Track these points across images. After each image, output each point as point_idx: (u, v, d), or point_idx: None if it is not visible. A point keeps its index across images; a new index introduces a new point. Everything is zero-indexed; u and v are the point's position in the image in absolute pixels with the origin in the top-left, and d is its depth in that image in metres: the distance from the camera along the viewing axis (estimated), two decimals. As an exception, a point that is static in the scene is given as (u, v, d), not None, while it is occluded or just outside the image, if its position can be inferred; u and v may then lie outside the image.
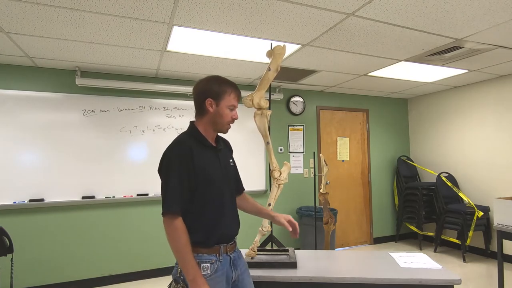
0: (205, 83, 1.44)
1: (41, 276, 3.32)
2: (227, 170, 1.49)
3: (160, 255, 3.79)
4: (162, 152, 1.47)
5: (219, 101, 1.41)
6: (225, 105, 1.42)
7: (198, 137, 1.43)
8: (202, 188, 1.37)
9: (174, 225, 1.28)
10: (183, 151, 1.37)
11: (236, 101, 1.45)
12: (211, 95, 1.41)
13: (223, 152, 1.52)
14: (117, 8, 2.16)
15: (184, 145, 1.38)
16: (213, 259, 1.36)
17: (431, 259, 1.92)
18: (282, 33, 2.60)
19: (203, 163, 1.38)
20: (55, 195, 3.36)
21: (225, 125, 1.46)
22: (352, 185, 5.03)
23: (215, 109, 1.42)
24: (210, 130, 1.46)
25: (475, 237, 4.24)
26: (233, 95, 1.43)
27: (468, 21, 2.42)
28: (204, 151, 1.40)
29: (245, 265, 1.54)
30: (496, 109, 4.16)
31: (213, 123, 1.44)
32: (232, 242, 1.45)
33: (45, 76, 3.44)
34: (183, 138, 1.42)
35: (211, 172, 1.40)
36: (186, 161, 1.34)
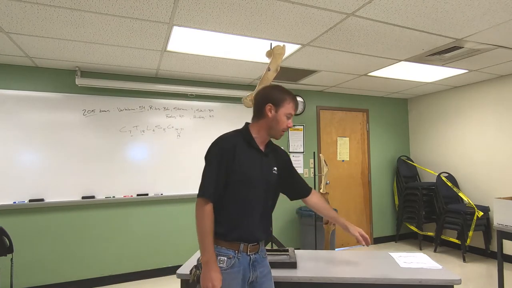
0: (268, 90, 1.52)
1: (41, 276, 3.32)
2: (268, 176, 1.51)
3: (160, 255, 3.79)
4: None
5: (278, 107, 1.48)
6: (283, 112, 1.48)
7: (247, 137, 1.49)
8: (236, 185, 1.42)
9: (203, 209, 1.37)
10: (227, 145, 1.43)
11: (294, 110, 1.52)
12: (272, 101, 1.48)
13: (269, 158, 1.54)
14: (117, 8, 2.16)
15: (229, 140, 1.46)
16: (231, 255, 1.40)
17: (431, 259, 1.92)
18: (282, 33, 2.60)
19: (244, 162, 1.43)
20: (55, 195, 3.36)
21: (280, 131, 1.51)
22: (352, 185, 5.03)
23: (274, 114, 1.48)
24: (264, 134, 1.52)
25: (475, 237, 4.24)
26: (292, 104, 1.50)
27: (468, 21, 2.42)
28: (248, 151, 1.46)
29: (268, 270, 1.54)
30: (496, 109, 4.16)
31: (269, 127, 1.50)
32: (255, 244, 1.46)
33: (45, 76, 3.44)
34: (231, 134, 1.50)
35: (248, 173, 1.44)
36: (227, 156, 1.41)
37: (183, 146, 3.91)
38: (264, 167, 1.49)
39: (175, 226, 3.88)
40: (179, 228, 3.90)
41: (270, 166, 1.53)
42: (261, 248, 1.51)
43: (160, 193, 3.78)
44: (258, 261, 1.48)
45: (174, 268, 3.80)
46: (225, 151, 1.42)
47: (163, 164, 3.80)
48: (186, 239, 3.91)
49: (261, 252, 1.52)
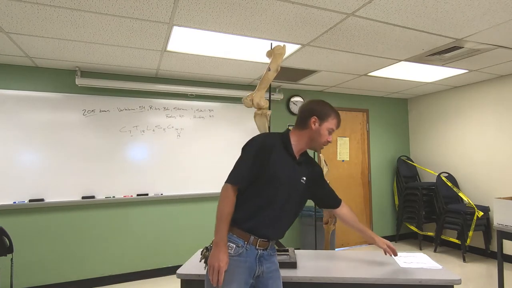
0: (315, 103, 1.58)
1: (41, 276, 3.32)
2: (295, 183, 1.55)
3: (160, 255, 3.79)
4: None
5: (323, 121, 1.54)
6: (327, 126, 1.54)
7: (285, 142, 1.55)
8: (264, 181, 1.47)
9: (227, 193, 1.44)
10: (266, 143, 1.50)
11: (336, 127, 1.58)
12: (317, 114, 1.54)
13: (301, 167, 1.58)
14: (117, 8, 2.16)
15: (270, 139, 1.53)
16: (240, 244, 1.45)
17: (431, 259, 1.93)
18: (282, 33, 2.60)
19: (276, 163, 1.48)
20: (55, 195, 3.36)
21: (321, 144, 1.57)
22: (352, 185, 5.03)
23: (317, 127, 1.54)
24: (302, 144, 1.57)
25: (475, 237, 4.24)
26: (336, 121, 1.56)
27: (468, 21, 2.42)
28: (283, 155, 1.52)
29: (275, 268, 1.56)
30: (496, 109, 4.16)
31: (310, 139, 1.56)
32: (265, 240, 1.49)
33: (45, 76, 3.44)
34: (273, 135, 1.57)
35: (278, 174, 1.48)
36: (264, 152, 1.47)
37: (183, 146, 3.91)
38: (294, 173, 1.54)
39: (175, 226, 3.88)
40: (179, 228, 3.90)
41: (300, 174, 1.57)
42: (270, 245, 1.54)
43: (160, 193, 3.78)
44: (265, 257, 1.51)
45: (174, 268, 3.80)
46: (263, 147, 1.48)
47: (163, 164, 3.80)
48: (186, 239, 3.91)
49: (270, 249, 1.55)
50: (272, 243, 1.55)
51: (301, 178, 1.57)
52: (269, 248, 1.53)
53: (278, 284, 1.54)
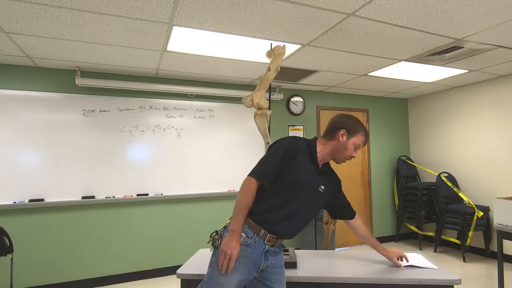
0: (347, 118, 1.62)
1: (41, 276, 3.32)
2: (313, 189, 1.58)
3: (160, 255, 3.79)
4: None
5: (350, 136, 1.57)
6: (354, 142, 1.58)
7: (311, 150, 1.59)
8: (285, 183, 1.51)
9: (249, 185, 1.46)
10: (295, 145, 1.55)
11: (363, 144, 1.60)
12: (347, 128, 1.57)
13: (322, 177, 1.61)
14: (117, 8, 2.16)
15: (298, 142, 1.57)
16: (250, 234, 1.47)
17: (427, 260, 1.92)
18: (282, 33, 2.60)
19: (299, 167, 1.52)
20: (55, 195, 3.36)
21: (344, 158, 1.60)
22: (352, 185, 5.03)
23: (344, 141, 1.57)
24: (326, 154, 1.61)
25: (475, 237, 4.24)
26: (363, 138, 1.59)
27: (468, 21, 2.42)
28: (307, 160, 1.55)
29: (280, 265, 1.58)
30: (496, 109, 4.16)
31: (335, 150, 1.60)
32: (274, 236, 1.51)
33: (45, 76, 3.44)
34: (302, 140, 1.61)
35: (298, 178, 1.52)
36: (290, 154, 1.52)
37: (183, 146, 3.91)
38: (314, 180, 1.57)
39: (175, 226, 3.88)
40: (179, 228, 3.90)
41: (320, 183, 1.59)
42: (278, 243, 1.56)
43: (160, 193, 3.78)
44: (271, 253, 1.54)
45: (174, 268, 3.80)
46: (291, 149, 1.53)
47: (163, 164, 3.80)
48: (186, 239, 3.91)
49: (277, 247, 1.57)
50: (280, 241, 1.57)
51: (320, 187, 1.60)
52: (276, 246, 1.55)
53: (281, 281, 1.55)
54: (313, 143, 1.61)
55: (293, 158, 1.51)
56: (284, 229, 1.52)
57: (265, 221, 1.49)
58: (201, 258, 1.96)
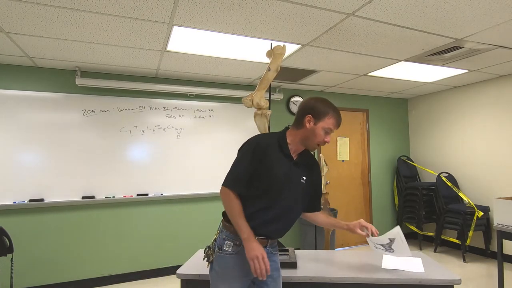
0: (313, 101, 1.53)
1: (41, 276, 3.32)
2: (293, 183, 1.52)
3: (160, 255, 3.79)
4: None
5: (318, 121, 1.48)
6: (322, 126, 1.48)
7: (281, 142, 1.52)
8: (261, 183, 1.46)
9: (227, 193, 1.44)
10: (261, 144, 1.49)
11: (334, 126, 1.50)
12: (312, 112, 1.49)
13: (300, 168, 1.55)
14: (117, 8, 2.16)
15: (264, 140, 1.51)
16: (238, 242, 1.45)
17: (419, 262, 1.92)
18: (282, 33, 2.60)
19: (271, 164, 1.46)
20: (55, 195, 3.36)
21: (314, 144, 1.51)
22: (352, 185, 5.03)
23: (312, 126, 1.49)
24: (297, 143, 1.53)
25: (475, 237, 4.24)
26: (333, 120, 1.49)
27: (468, 21, 2.42)
28: (278, 155, 1.49)
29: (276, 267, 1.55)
30: (496, 109, 4.16)
31: (304, 138, 1.51)
32: (262, 238, 1.48)
33: (45, 76, 3.44)
34: (268, 135, 1.57)
35: (273, 175, 1.46)
36: (258, 153, 1.46)
37: (183, 146, 3.91)
38: (291, 173, 1.51)
39: (175, 226, 3.88)
40: (179, 228, 3.90)
41: (299, 174, 1.54)
42: (270, 244, 1.53)
43: (160, 193, 3.78)
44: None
45: (174, 268, 3.80)
46: (257, 148, 1.47)
47: (163, 164, 3.80)
48: (186, 239, 3.91)
49: (270, 247, 1.54)
50: (272, 241, 1.54)
51: (301, 178, 1.54)
52: (268, 246, 1.52)
53: (278, 284, 1.53)
54: (282, 135, 1.54)
55: (263, 157, 1.46)
56: (272, 229, 1.49)
57: (252, 226, 1.45)
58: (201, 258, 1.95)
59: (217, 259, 1.48)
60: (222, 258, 1.47)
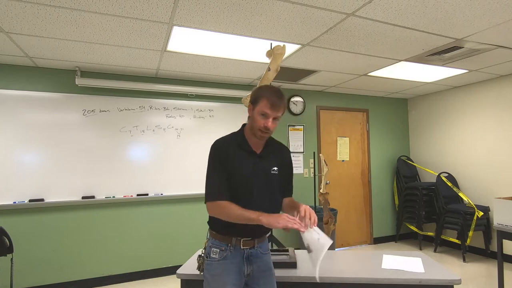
0: (254, 89, 1.50)
1: (41, 276, 3.32)
2: (263, 176, 1.50)
3: (160, 255, 3.79)
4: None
5: (255, 106, 1.44)
6: (258, 110, 1.42)
7: (239, 140, 1.51)
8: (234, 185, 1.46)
9: (216, 206, 1.42)
10: (220, 148, 1.48)
11: (269, 109, 1.40)
12: (252, 100, 1.46)
13: (268, 160, 1.52)
14: (117, 8, 2.16)
15: (222, 143, 1.50)
16: (223, 247, 1.47)
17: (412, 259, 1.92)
18: (282, 33, 2.60)
19: (235, 163, 1.46)
20: (55, 195, 3.36)
21: (257, 131, 1.44)
22: (352, 185, 5.03)
23: (252, 114, 1.46)
24: (251, 135, 1.50)
25: (475, 237, 4.24)
26: (266, 102, 1.39)
27: (468, 21, 2.42)
28: (240, 153, 1.47)
29: (268, 267, 1.55)
30: (496, 109, 4.16)
31: (250, 127, 1.49)
32: (249, 239, 1.47)
33: (45, 76, 3.44)
34: (226, 137, 1.54)
35: (239, 173, 1.45)
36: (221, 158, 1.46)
37: (183, 146, 3.91)
38: (259, 167, 1.49)
39: (175, 226, 3.88)
40: (179, 228, 3.90)
41: (268, 166, 1.52)
42: (258, 244, 1.52)
43: (160, 193, 3.78)
44: (254, 255, 1.50)
45: (174, 268, 3.80)
46: (219, 152, 1.47)
47: (163, 164, 3.80)
48: (186, 239, 3.91)
49: (260, 248, 1.52)
50: (259, 240, 1.52)
51: (271, 169, 1.52)
52: (256, 246, 1.50)
53: (271, 284, 1.52)
54: (239, 133, 1.53)
55: (226, 159, 1.45)
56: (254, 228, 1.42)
57: (232, 231, 1.45)
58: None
59: (206, 267, 1.49)
60: (211, 265, 1.47)
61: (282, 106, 1.43)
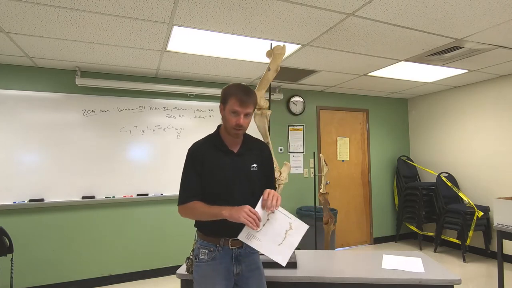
0: (222, 90, 1.51)
1: (41, 276, 3.32)
2: (243, 175, 1.50)
3: (160, 255, 3.79)
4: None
5: (225, 105, 1.47)
6: (228, 109, 1.45)
7: (214, 141, 1.53)
8: (210, 186, 1.48)
9: (184, 208, 1.46)
10: (195, 153, 1.51)
11: (239, 106, 1.41)
12: (221, 100, 1.49)
13: (246, 157, 1.53)
14: (117, 8, 2.16)
15: (197, 147, 1.52)
16: (212, 248, 1.47)
17: (412, 259, 1.92)
18: (282, 33, 2.60)
19: (212, 165, 1.47)
20: (55, 195, 3.36)
21: (231, 129, 1.46)
22: (352, 185, 5.03)
23: (223, 113, 1.48)
24: (226, 134, 1.52)
25: (475, 237, 4.24)
26: (235, 100, 1.41)
27: (468, 21, 2.42)
28: (216, 154, 1.49)
29: (256, 266, 1.55)
30: (496, 109, 4.16)
31: (224, 127, 1.52)
32: (237, 239, 1.45)
33: (45, 76, 3.44)
34: (201, 141, 1.56)
35: (218, 174, 1.47)
36: (197, 162, 1.49)
37: (183, 146, 3.89)
38: (236, 165, 1.50)
39: (175, 226, 3.88)
40: (179, 228, 3.89)
41: (247, 163, 1.52)
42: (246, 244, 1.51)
43: (160, 193, 3.78)
44: (243, 255, 1.51)
45: (174, 268, 3.80)
46: (195, 155, 1.50)
47: (163, 164, 3.80)
48: (186, 239, 3.91)
49: (247, 247, 1.51)
50: None
51: (251, 166, 1.52)
52: (245, 246, 1.51)
53: (260, 283, 1.53)
54: (214, 134, 1.56)
55: (202, 161, 1.47)
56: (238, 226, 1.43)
57: (217, 230, 1.46)
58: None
59: (196, 269, 1.49)
60: (200, 267, 1.48)
61: (251, 102, 1.45)
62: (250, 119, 1.49)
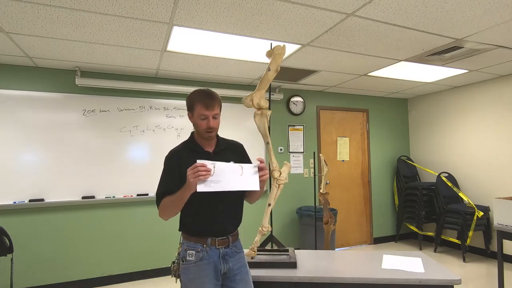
0: (186, 99, 1.57)
1: (41, 276, 3.32)
2: None
3: (160, 255, 3.79)
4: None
5: (192, 112, 1.54)
6: (196, 116, 1.52)
7: (190, 145, 1.59)
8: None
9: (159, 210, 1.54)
10: (172, 158, 1.58)
11: (206, 110, 1.49)
12: (188, 108, 1.57)
13: (223, 155, 1.57)
14: (117, 8, 2.16)
15: (173, 152, 1.59)
16: (199, 248, 1.50)
17: (413, 259, 1.92)
18: (282, 33, 2.60)
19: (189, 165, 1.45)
20: (55, 195, 3.36)
21: (204, 133, 1.54)
22: (352, 185, 5.03)
23: (193, 120, 1.56)
24: (200, 138, 1.59)
25: (475, 237, 4.24)
26: (201, 105, 1.49)
27: (468, 21, 2.43)
28: (193, 157, 1.48)
29: (242, 264, 1.58)
30: (496, 109, 4.16)
31: (197, 132, 1.59)
32: (223, 238, 1.52)
33: (45, 76, 3.44)
34: (177, 147, 1.62)
35: None
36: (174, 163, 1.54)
37: (183, 146, 3.91)
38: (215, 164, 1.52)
39: (175, 226, 3.86)
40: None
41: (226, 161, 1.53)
42: (232, 243, 1.56)
43: (160, 193, 3.77)
44: (230, 254, 1.54)
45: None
46: (172, 158, 1.56)
47: (163, 164, 3.79)
48: (186, 239, 3.91)
49: (234, 247, 1.57)
50: (233, 239, 1.57)
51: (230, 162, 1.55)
52: (231, 245, 1.54)
53: (246, 280, 1.56)
54: (189, 138, 1.62)
55: (179, 164, 1.50)
56: (223, 225, 1.53)
57: (204, 231, 1.50)
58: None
59: (183, 272, 1.50)
60: (188, 269, 1.49)
61: (216, 104, 1.53)
62: (219, 120, 1.56)
